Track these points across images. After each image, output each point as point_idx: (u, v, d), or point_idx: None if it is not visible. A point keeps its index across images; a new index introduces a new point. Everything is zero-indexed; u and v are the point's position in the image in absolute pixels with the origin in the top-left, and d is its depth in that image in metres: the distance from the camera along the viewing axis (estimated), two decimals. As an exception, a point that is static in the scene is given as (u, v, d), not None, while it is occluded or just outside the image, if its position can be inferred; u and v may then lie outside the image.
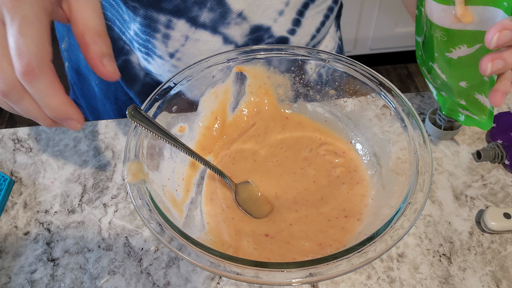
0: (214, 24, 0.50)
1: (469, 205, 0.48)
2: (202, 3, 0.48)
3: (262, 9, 0.50)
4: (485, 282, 0.42)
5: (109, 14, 0.54)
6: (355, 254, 0.31)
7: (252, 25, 0.52)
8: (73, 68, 0.68)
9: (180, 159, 0.44)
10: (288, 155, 0.48)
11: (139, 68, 0.60)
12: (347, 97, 0.46)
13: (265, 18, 0.51)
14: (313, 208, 0.43)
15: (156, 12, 0.49)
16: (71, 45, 0.64)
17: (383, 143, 0.44)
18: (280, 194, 0.45)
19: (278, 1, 0.50)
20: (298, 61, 0.46)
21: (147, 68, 0.59)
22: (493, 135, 0.53)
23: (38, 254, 0.46)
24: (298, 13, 0.53)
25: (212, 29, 0.51)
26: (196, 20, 0.50)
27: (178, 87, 0.43)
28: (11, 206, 0.50)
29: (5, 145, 0.56)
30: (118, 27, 0.55)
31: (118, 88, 0.63)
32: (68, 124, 0.33)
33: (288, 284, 0.31)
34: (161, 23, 0.50)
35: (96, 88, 0.66)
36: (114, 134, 0.56)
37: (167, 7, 0.48)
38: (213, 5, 0.49)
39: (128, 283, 0.43)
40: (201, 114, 0.47)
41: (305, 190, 0.45)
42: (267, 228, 0.42)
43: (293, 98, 0.50)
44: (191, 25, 0.50)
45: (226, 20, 0.50)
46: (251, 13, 0.50)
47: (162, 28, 0.51)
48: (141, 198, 0.35)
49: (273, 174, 0.46)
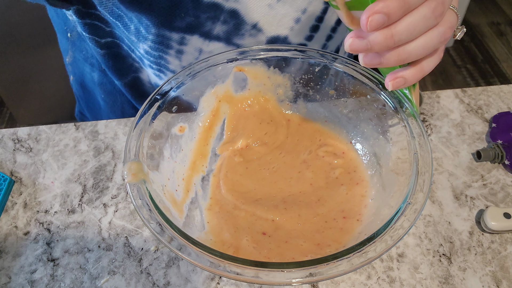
0: (228, 36, 0.50)
1: (469, 205, 0.48)
2: (216, 17, 0.47)
3: (278, 19, 0.49)
4: (485, 282, 0.42)
5: (117, 33, 0.53)
6: (355, 254, 0.31)
7: (268, 36, 0.51)
8: (77, 82, 0.68)
9: (180, 159, 0.44)
10: (286, 160, 0.47)
11: (149, 86, 0.60)
12: (347, 97, 0.46)
13: (282, 28, 0.50)
14: (308, 209, 0.42)
15: (169, 31, 0.48)
16: (75, 58, 0.64)
17: (383, 143, 0.44)
18: (272, 195, 0.45)
19: (294, 9, 0.49)
20: (299, 61, 0.46)
21: (158, 84, 0.59)
22: (493, 135, 0.53)
23: (38, 254, 0.46)
24: (317, 20, 0.52)
25: (226, 41, 0.50)
26: (209, 34, 0.49)
27: (178, 87, 0.43)
28: (11, 206, 0.50)
29: (5, 145, 0.56)
30: (127, 45, 0.54)
31: (125, 102, 0.63)
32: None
33: (288, 284, 0.31)
34: (174, 40, 0.49)
35: (102, 102, 0.66)
36: (114, 134, 0.56)
37: (180, 25, 0.48)
38: (226, 18, 0.48)
39: (128, 283, 0.43)
40: (201, 114, 0.47)
41: (300, 192, 0.44)
42: (262, 227, 0.42)
43: (293, 98, 0.50)
44: (204, 38, 0.50)
45: (240, 31, 0.49)
46: (266, 25, 0.49)
47: (175, 45, 0.50)
48: (141, 198, 0.35)
49: (267, 181, 0.46)
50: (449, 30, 0.31)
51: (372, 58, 0.32)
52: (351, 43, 0.31)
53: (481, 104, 0.58)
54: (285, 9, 0.49)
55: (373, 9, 0.28)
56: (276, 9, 0.48)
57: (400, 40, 0.30)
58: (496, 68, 1.74)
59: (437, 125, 0.56)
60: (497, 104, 0.58)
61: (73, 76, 0.68)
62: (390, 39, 0.29)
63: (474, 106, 0.58)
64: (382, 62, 0.32)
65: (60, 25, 0.62)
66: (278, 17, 0.49)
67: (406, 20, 0.29)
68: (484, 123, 0.56)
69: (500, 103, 0.58)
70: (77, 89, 0.70)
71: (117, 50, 0.55)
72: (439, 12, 0.29)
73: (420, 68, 0.33)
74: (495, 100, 0.58)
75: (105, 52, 0.55)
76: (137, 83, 0.59)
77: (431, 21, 0.30)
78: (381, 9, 0.28)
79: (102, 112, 0.68)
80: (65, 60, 0.67)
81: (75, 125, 0.57)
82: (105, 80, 0.62)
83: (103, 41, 0.54)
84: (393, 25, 0.29)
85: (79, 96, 0.71)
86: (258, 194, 0.45)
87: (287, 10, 0.49)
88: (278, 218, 0.42)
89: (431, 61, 0.33)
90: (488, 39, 1.85)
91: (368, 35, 0.30)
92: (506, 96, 0.59)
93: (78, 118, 0.77)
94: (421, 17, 0.29)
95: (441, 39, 0.31)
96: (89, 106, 0.70)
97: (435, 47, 0.31)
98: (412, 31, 0.29)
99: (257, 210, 0.43)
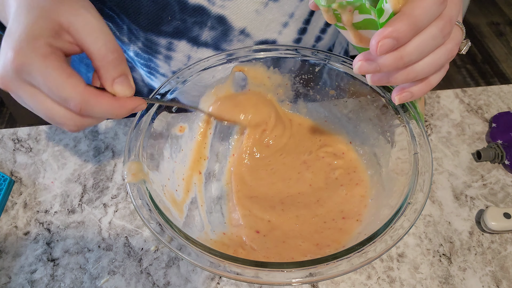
0: (216, 42, 0.50)
1: (469, 205, 0.48)
2: (203, 22, 0.47)
3: (265, 24, 0.49)
4: (485, 282, 0.42)
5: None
6: (355, 254, 0.31)
7: (256, 41, 0.51)
8: None
9: (180, 159, 0.44)
10: (285, 162, 0.47)
11: (143, 84, 0.60)
12: (347, 97, 0.46)
13: (270, 32, 0.51)
14: (306, 210, 0.42)
15: (156, 35, 0.48)
16: (71, 59, 0.64)
17: (383, 143, 0.44)
18: (269, 196, 0.45)
19: (281, 13, 0.49)
20: (298, 61, 0.46)
21: (151, 84, 0.59)
22: (493, 135, 0.53)
23: (38, 254, 0.46)
24: (305, 22, 0.52)
25: (214, 47, 0.50)
26: (197, 40, 0.49)
27: (178, 87, 0.43)
28: (11, 206, 0.50)
29: (5, 145, 0.56)
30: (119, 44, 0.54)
31: None
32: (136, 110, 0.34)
33: (288, 284, 0.31)
34: (162, 45, 0.50)
35: None
36: (114, 134, 0.56)
37: (166, 30, 0.48)
38: (214, 24, 0.48)
39: (128, 283, 0.43)
40: (201, 114, 0.47)
41: (298, 193, 0.44)
42: (256, 224, 0.41)
43: (293, 98, 0.50)
44: (192, 44, 0.50)
45: (228, 37, 0.50)
46: (254, 30, 0.50)
47: (163, 50, 0.50)
48: (141, 198, 0.35)
49: (264, 182, 0.46)
50: (456, 46, 0.31)
51: (380, 79, 0.32)
52: (360, 66, 0.31)
53: (481, 104, 0.58)
54: (272, 14, 0.49)
55: (383, 34, 0.27)
56: (263, 15, 0.48)
57: (410, 61, 0.30)
58: (496, 68, 1.74)
59: (437, 125, 0.56)
60: (497, 104, 0.58)
61: None
62: (400, 61, 0.29)
63: (474, 106, 0.58)
64: (390, 81, 0.32)
65: None
66: (266, 22, 0.49)
67: (416, 42, 0.29)
68: (484, 123, 0.56)
69: (500, 103, 0.58)
70: None
71: None
72: (447, 31, 0.29)
73: (427, 83, 0.33)
74: (495, 100, 0.58)
75: None
76: None
77: (439, 40, 0.30)
78: (391, 33, 0.27)
79: None
80: None
81: (75, 125, 0.57)
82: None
83: None
84: (403, 47, 0.29)
85: None
86: (255, 193, 0.45)
87: (275, 15, 0.49)
88: (275, 219, 0.42)
89: (437, 75, 0.33)
90: (487, 39, 1.85)
91: (378, 57, 0.30)
92: (506, 96, 0.59)
93: None
94: (429, 37, 0.29)
95: (448, 56, 0.31)
96: None
97: (442, 65, 0.31)
98: (421, 52, 0.29)
99: (253, 209, 0.43)
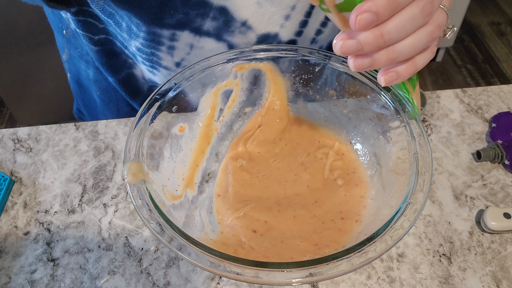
0: (218, 32, 0.50)
1: (469, 205, 0.48)
2: (205, 13, 0.48)
3: (267, 16, 0.49)
4: (485, 282, 0.42)
5: (110, 29, 0.53)
6: (355, 254, 0.31)
7: (258, 34, 0.51)
8: (74, 79, 0.68)
9: (180, 159, 0.44)
10: (280, 167, 0.47)
11: (143, 81, 0.60)
12: (347, 97, 0.46)
13: (272, 25, 0.51)
14: (303, 210, 0.42)
15: (159, 28, 0.48)
16: (71, 56, 0.64)
17: (383, 143, 0.44)
18: (264, 198, 0.44)
19: (283, 6, 0.49)
20: (298, 61, 0.46)
21: (152, 80, 0.59)
22: (493, 135, 0.53)
23: (38, 254, 0.46)
24: (306, 15, 0.52)
25: (216, 37, 0.50)
26: (199, 30, 0.49)
27: (178, 87, 0.43)
28: (11, 206, 0.50)
29: (5, 145, 0.56)
30: (120, 41, 0.54)
31: (120, 99, 0.63)
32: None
33: (288, 284, 0.31)
34: (165, 37, 0.50)
35: (97, 99, 0.66)
36: (114, 134, 0.56)
37: (169, 22, 0.48)
38: (216, 14, 0.48)
39: (128, 283, 0.43)
40: (201, 114, 0.47)
41: (295, 195, 0.44)
42: (252, 224, 0.41)
43: (293, 98, 0.50)
44: (195, 34, 0.50)
45: (230, 28, 0.50)
46: (256, 22, 0.50)
47: (167, 41, 0.50)
48: (141, 198, 0.35)
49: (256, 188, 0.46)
50: (438, 29, 0.31)
51: (362, 62, 0.32)
52: (342, 45, 0.31)
53: (481, 104, 0.58)
54: (274, 7, 0.49)
55: (362, 8, 0.28)
56: (265, 7, 0.48)
57: (390, 39, 0.30)
58: (496, 68, 1.74)
59: (437, 125, 0.56)
60: (497, 104, 0.58)
61: (69, 74, 0.68)
62: (380, 38, 0.29)
63: (474, 106, 0.58)
64: (373, 64, 0.32)
65: (55, 23, 0.62)
66: (268, 15, 0.49)
67: (395, 19, 0.29)
68: (484, 123, 0.56)
69: (500, 103, 0.58)
70: (74, 87, 0.70)
71: (111, 46, 0.55)
72: (427, 11, 0.30)
73: (412, 63, 0.33)
74: (495, 100, 0.58)
75: (98, 49, 0.55)
76: (131, 80, 0.59)
77: (420, 20, 0.30)
78: (370, 7, 0.28)
79: (98, 110, 0.68)
80: (62, 58, 0.67)
81: (75, 125, 0.57)
82: (100, 77, 0.62)
83: (97, 38, 0.54)
84: (382, 24, 0.29)
85: (76, 93, 0.71)
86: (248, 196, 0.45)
87: (276, 8, 0.49)
88: (271, 219, 0.42)
89: (423, 57, 0.33)
90: (488, 39, 1.85)
91: (358, 35, 0.30)
92: (506, 96, 0.59)
93: (76, 115, 0.77)
94: (409, 16, 0.29)
95: (429, 38, 0.31)
96: (86, 103, 0.70)
97: (424, 46, 0.32)
98: (401, 30, 0.30)
99: (247, 211, 0.43)
